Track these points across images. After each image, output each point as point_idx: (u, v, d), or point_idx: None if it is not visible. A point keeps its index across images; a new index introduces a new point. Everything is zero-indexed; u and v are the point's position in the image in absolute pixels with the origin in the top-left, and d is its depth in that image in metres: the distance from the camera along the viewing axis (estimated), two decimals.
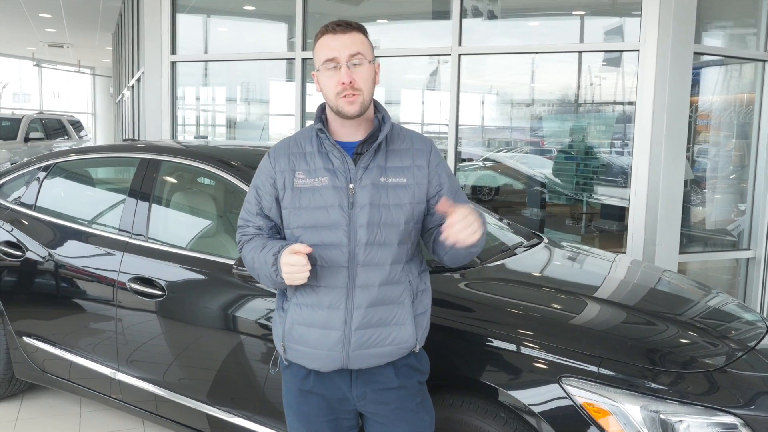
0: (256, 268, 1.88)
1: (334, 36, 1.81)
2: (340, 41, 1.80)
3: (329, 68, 1.80)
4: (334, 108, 1.83)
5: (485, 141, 6.16)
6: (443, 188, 1.93)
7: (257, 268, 1.87)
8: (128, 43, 10.49)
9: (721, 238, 5.29)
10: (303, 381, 1.92)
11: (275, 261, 1.78)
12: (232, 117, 7.13)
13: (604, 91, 5.36)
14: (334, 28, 1.82)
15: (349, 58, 1.79)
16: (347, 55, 1.79)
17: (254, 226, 1.94)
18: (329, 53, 1.80)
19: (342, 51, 1.79)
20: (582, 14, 5.26)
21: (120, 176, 4.01)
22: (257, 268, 1.87)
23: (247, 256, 1.92)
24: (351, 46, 1.80)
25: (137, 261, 2.97)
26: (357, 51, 1.80)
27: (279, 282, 1.81)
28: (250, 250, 1.91)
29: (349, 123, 1.86)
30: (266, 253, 1.82)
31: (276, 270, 1.78)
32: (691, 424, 1.94)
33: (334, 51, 1.80)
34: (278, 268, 1.78)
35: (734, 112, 5.11)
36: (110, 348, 3.07)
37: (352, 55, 1.79)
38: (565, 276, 3.01)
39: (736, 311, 2.74)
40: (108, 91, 23.33)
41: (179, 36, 6.16)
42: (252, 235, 1.94)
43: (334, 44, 1.80)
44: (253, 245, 1.91)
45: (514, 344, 2.16)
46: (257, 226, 1.94)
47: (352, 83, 1.78)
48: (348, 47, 1.80)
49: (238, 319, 2.64)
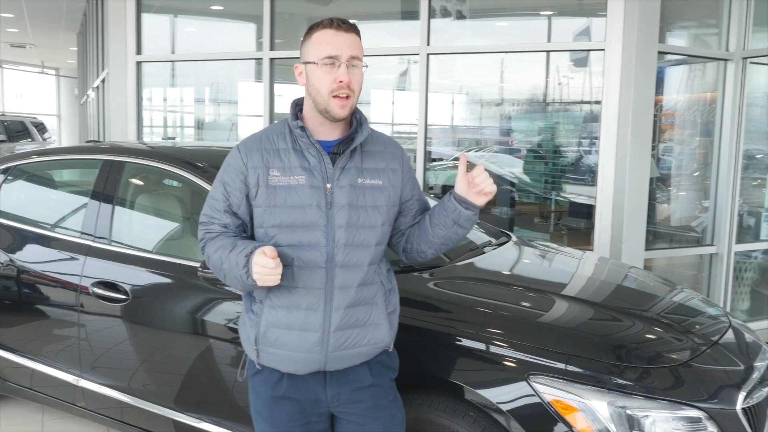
0: (224, 269, 1.81)
1: (338, 33, 1.79)
2: (344, 40, 1.79)
3: (328, 64, 1.77)
4: (322, 106, 1.80)
5: (455, 141, 6.17)
6: (414, 193, 1.99)
7: (225, 269, 1.81)
8: (93, 44, 10.31)
9: (686, 235, 5.37)
10: (275, 386, 1.89)
11: (247, 262, 1.73)
12: (200, 118, 7.04)
13: (571, 90, 5.42)
14: (340, 24, 1.80)
15: (349, 58, 1.78)
16: (348, 55, 1.78)
17: (220, 224, 1.88)
18: (332, 50, 1.77)
19: (344, 50, 1.78)
20: (550, 14, 5.30)
21: (82, 179, 3.94)
22: (225, 269, 1.81)
23: (213, 256, 1.85)
24: (353, 47, 1.79)
25: (100, 265, 2.90)
26: (356, 53, 1.80)
27: (249, 284, 1.75)
28: (216, 249, 1.84)
29: (329, 123, 1.84)
30: (237, 254, 1.76)
31: (248, 272, 1.73)
32: (656, 418, 1.96)
33: (337, 48, 1.78)
34: (249, 270, 1.72)
35: (698, 111, 5.20)
36: (73, 354, 3.00)
37: (352, 57, 1.79)
38: (533, 274, 3.02)
39: (700, 306, 2.78)
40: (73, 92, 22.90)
41: (145, 36, 6.07)
42: (217, 233, 1.87)
43: (337, 41, 1.78)
44: (219, 244, 1.84)
45: (483, 343, 2.16)
46: (223, 224, 1.88)
47: (349, 83, 1.77)
48: (350, 48, 1.79)
49: (205, 322, 2.60)
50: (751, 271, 5.44)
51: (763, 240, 5.37)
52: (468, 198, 1.87)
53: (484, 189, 1.85)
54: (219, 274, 1.85)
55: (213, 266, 1.87)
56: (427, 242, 1.98)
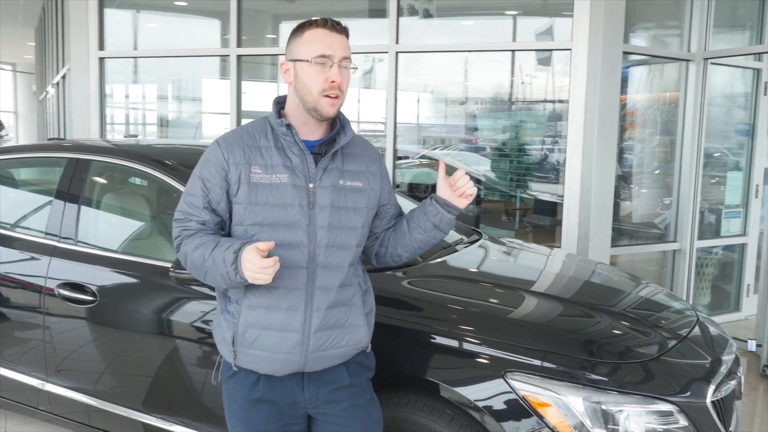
0: (206, 267, 1.76)
1: (331, 33, 1.79)
2: (337, 40, 1.80)
3: (320, 63, 1.77)
4: (311, 104, 1.79)
5: (421, 139, 6.19)
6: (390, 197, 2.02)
7: (208, 267, 1.75)
8: (52, 39, 10.06)
9: (648, 231, 5.48)
10: (252, 389, 1.86)
11: (236, 259, 1.68)
12: (164, 115, 6.93)
13: (536, 89, 5.47)
14: (334, 25, 1.80)
15: (341, 59, 1.79)
16: (341, 55, 1.79)
17: (198, 221, 1.83)
18: (325, 49, 1.78)
19: (337, 50, 1.79)
20: (516, 14, 5.35)
21: (44, 177, 3.84)
22: (208, 267, 1.75)
23: (193, 254, 1.79)
24: (345, 48, 1.81)
25: (66, 266, 2.83)
26: (348, 55, 1.82)
27: (237, 281, 1.71)
28: (195, 247, 1.78)
29: (313, 122, 1.83)
30: (223, 251, 1.71)
31: (236, 269, 1.69)
32: (630, 413, 1.99)
33: (330, 48, 1.78)
34: (239, 267, 1.68)
35: (657, 110, 5.31)
36: (38, 358, 2.92)
37: (344, 57, 1.80)
38: (505, 271, 3.05)
39: (667, 301, 2.83)
40: (31, 88, 22.32)
41: (107, 31, 5.94)
42: (195, 230, 1.83)
43: (331, 41, 1.79)
44: (198, 242, 1.78)
45: (459, 341, 2.17)
46: (201, 221, 1.83)
47: (339, 84, 1.78)
48: (343, 48, 1.80)
49: (175, 323, 2.56)
50: (712, 267, 5.58)
51: (723, 236, 5.51)
52: (451, 201, 1.93)
53: (465, 191, 1.92)
54: (198, 272, 1.81)
55: (191, 264, 1.81)
56: (404, 246, 2.01)
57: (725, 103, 5.70)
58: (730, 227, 5.52)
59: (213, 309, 2.45)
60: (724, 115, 5.69)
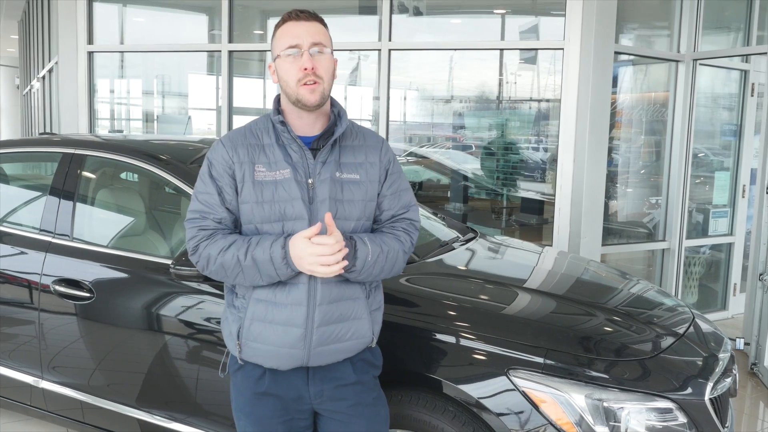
0: (243, 266, 1.74)
1: (297, 23, 1.79)
2: (304, 28, 1.78)
3: (291, 54, 1.77)
4: (293, 97, 1.79)
5: (407, 137, 6.19)
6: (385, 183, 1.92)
7: (245, 266, 1.74)
8: (38, 32, 9.93)
9: (636, 230, 5.54)
10: (257, 382, 1.87)
11: (285, 254, 1.71)
12: (152, 110, 6.87)
13: (526, 88, 5.50)
14: (298, 15, 1.80)
15: (311, 45, 1.78)
16: (310, 42, 1.77)
17: (215, 218, 1.81)
18: (292, 39, 1.77)
19: (305, 38, 1.77)
20: (508, 12, 5.37)
21: (35, 172, 3.80)
22: (245, 266, 1.74)
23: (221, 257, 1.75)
24: (314, 34, 1.79)
25: (62, 262, 2.81)
26: (319, 40, 1.79)
27: (288, 274, 1.74)
28: (222, 249, 1.76)
29: (306, 115, 1.82)
30: (268, 248, 1.72)
31: (287, 262, 1.71)
32: (631, 410, 2.02)
33: (297, 38, 1.77)
34: (289, 261, 1.71)
35: (643, 110, 5.36)
36: (33, 355, 2.89)
37: (314, 43, 1.78)
38: (503, 269, 3.06)
39: (662, 298, 2.87)
40: (13, 82, 22.01)
41: (96, 26, 5.88)
42: (212, 229, 1.81)
43: (297, 31, 1.78)
44: (223, 243, 1.76)
45: (461, 338, 2.18)
46: (218, 219, 1.82)
47: (314, 69, 1.76)
48: (311, 35, 1.78)
49: (173, 320, 2.54)
50: (699, 266, 5.65)
51: (711, 236, 5.58)
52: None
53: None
54: (228, 274, 1.78)
55: (218, 267, 1.78)
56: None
57: (713, 104, 5.76)
58: (718, 227, 5.59)
59: (208, 304, 2.45)
60: (712, 115, 5.75)
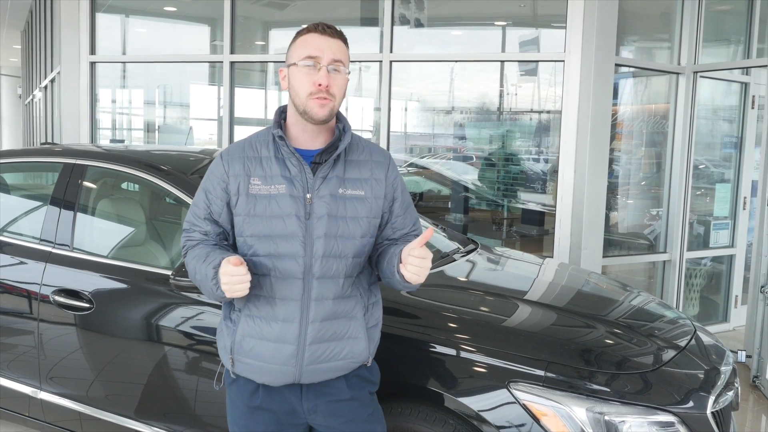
0: (197, 279, 1.80)
1: (322, 36, 1.78)
2: (327, 43, 1.77)
3: (308, 65, 1.76)
4: (301, 108, 1.78)
5: (408, 147, 6.20)
6: (395, 203, 1.91)
7: (198, 280, 1.79)
8: (40, 42, 9.97)
9: (637, 242, 5.53)
10: (251, 396, 1.86)
11: (215, 275, 1.69)
12: (154, 121, 6.88)
13: (527, 99, 5.51)
14: (324, 29, 1.79)
15: (331, 62, 1.76)
16: (330, 58, 1.76)
17: (200, 231, 1.85)
18: (313, 51, 1.76)
19: (326, 53, 1.76)
20: (509, 24, 5.39)
21: (35, 182, 3.80)
22: (198, 280, 1.79)
23: (190, 265, 1.83)
24: (336, 52, 1.77)
25: (61, 272, 2.80)
26: (339, 58, 1.78)
27: (219, 296, 1.72)
28: (192, 258, 1.82)
29: (310, 129, 1.81)
30: (207, 265, 1.73)
31: (216, 284, 1.70)
32: (632, 423, 2.00)
33: (318, 50, 1.76)
34: (218, 282, 1.69)
35: (644, 122, 5.36)
36: (31, 365, 2.88)
37: (334, 60, 1.77)
38: (504, 281, 3.05)
39: (663, 311, 2.85)
40: (16, 91, 22.08)
41: (98, 36, 5.91)
42: (197, 240, 1.85)
43: (320, 44, 1.77)
44: (195, 253, 1.81)
45: (461, 351, 2.17)
46: (204, 232, 1.85)
47: (328, 87, 1.75)
48: (333, 51, 1.77)
49: (173, 331, 2.53)
50: (700, 278, 5.64)
51: (712, 248, 5.57)
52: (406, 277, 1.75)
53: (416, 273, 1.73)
54: (196, 283, 1.83)
55: (191, 276, 1.85)
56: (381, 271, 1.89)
57: (713, 116, 5.77)
58: (719, 239, 5.58)
59: (208, 316, 2.44)
60: (713, 127, 5.76)
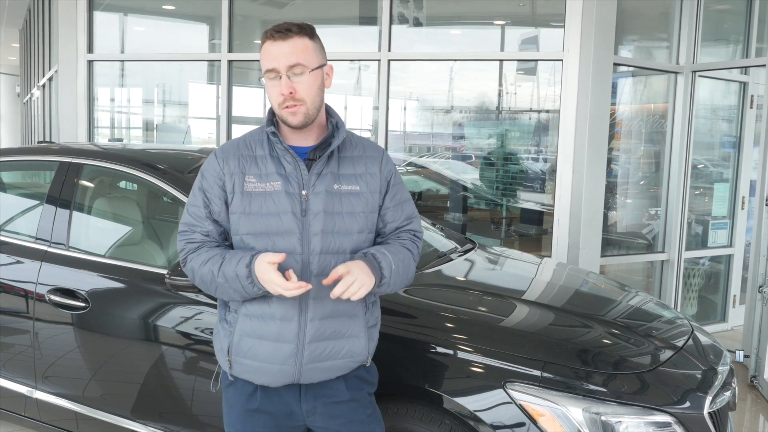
0: (217, 282, 1.75)
1: (274, 43, 1.73)
2: (280, 50, 1.72)
3: (271, 78, 1.73)
4: (278, 116, 1.78)
5: (407, 147, 6.19)
6: (387, 195, 1.89)
7: (219, 283, 1.74)
8: (38, 40, 9.95)
9: (635, 242, 5.52)
10: (249, 399, 1.84)
11: (249, 273, 1.68)
12: (151, 119, 6.87)
13: (525, 99, 5.50)
14: (273, 34, 1.73)
15: (287, 68, 1.71)
16: (286, 65, 1.71)
17: (202, 232, 1.82)
18: (270, 62, 1.72)
19: (281, 60, 1.71)
20: (508, 24, 5.38)
21: (32, 180, 3.78)
22: (219, 283, 1.74)
23: (201, 270, 1.77)
24: (290, 56, 1.72)
25: (57, 271, 2.79)
26: (296, 61, 1.72)
27: (255, 293, 1.71)
28: (202, 263, 1.77)
29: (298, 130, 1.80)
30: (234, 266, 1.70)
31: (252, 282, 1.68)
32: (629, 424, 1.99)
33: (274, 60, 1.72)
34: (254, 280, 1.67)
35: (642, 121, 5.35)
36: (27, 365, 2.87)
37: (290, 66, 1.72)
38: (500, 281, 3.04)
39: (661, 311, 2.84)
40: (14, 90, 22.05)
41: (96, 34, 5.89)
42: (199, 242, 1.82)
43: (274, 52, 1.72)
44: (205, 257, 1.77)
45: (458, 351, 2.16)
46: (205, 232, 1.82)
47: (292, 94, 1.72)
48: (287, 57, 1.71)
49: (169, 330, 2.52)
50: (699, 278, 5.63)
51: (710, 247, 5.56)
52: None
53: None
54: (208, 287, 1.80)
55: (200, 280, 1.80)
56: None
57: (712, 116, 5.76)
58: (717, 238, 5.58)
59: (205, 315, 2.43)
60: (711, 127, 5.75)
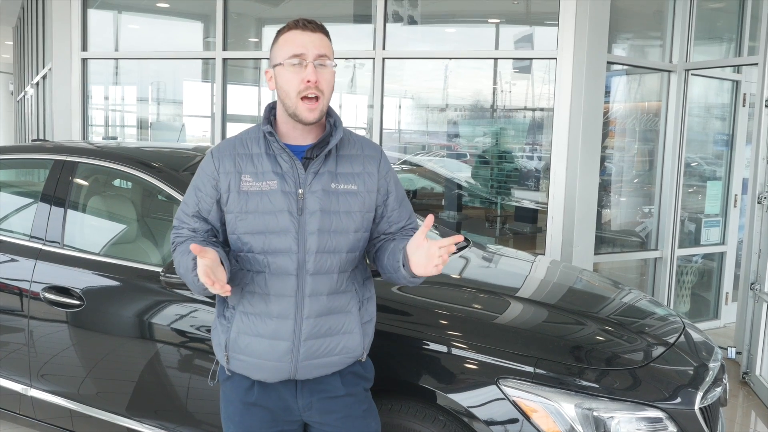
0: (181, 274, 1.79)
1: (304, 32, 1.75)
2: (310, 39, 1.75)
3: (294, 64, 1.73)
4: (291, 109, 1.76)
5: (402, 145, 6.20)
6: (390, 196, 1.90)
7: (182, 274, 1.78)
8: (32, 38, 9.92)
9: (628, 239, 5.55)
10: (246, 393, 1.86)
11: (195, 266, 1.67)
12: (146, 117, 6.86)
13: (520, 97, 5.51)
14: (305, 24, 1.76)
15: (316, 57, 1.74)
16: (315, 53, 1.74)
17: (189, 228, 1.84)
18: (297, 48, 1.73)
19: (311, 48, 1.74)
20: (502, 22, 5.40)
21: (26, 179, 3.78)
22: (182, 274, 1.78)
23: (176, 260, 1.82)
24: (320, 46, 1.75)
25: (52, 269, 2.79)
26: (324, 52, 1.75)
27: (202, 288, 1.69)
28: (179, 254, 1.81)
29: (301, 127, 1.80)
30: (188, 257, 1.72)
31: (196, 275, 1.67)
32: (621, 419, 2.01)
33: (302, 47, 1.73)
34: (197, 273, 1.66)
35: (636, 119, 5.38)
36: (22, 363, 2.87)
37: (319, 55, 1.74)
38: (495, 278, 3.06)
39: (653, 308, 2.87)
40: (7, 88, 21.96)
41: (90, 32, 5.89)
42: (185, 237, 1.83)
43: (303, 40, 1.74)
44: (182, 248, 1.80)
45: (452, 348, 2.17)
46: (192, 229, 1.84)
47: (317, 83, 1.73)
48: (317, 46, 1.74)
49: (163, 328, 2.53)
50: (691, 275, 5.66)
51: (703, 245, 5.59)
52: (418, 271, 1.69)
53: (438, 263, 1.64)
54: (184, 280, 1.82)
55: (177, 272, 1.84)
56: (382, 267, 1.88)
57: (705, 114, 5.79)
58: (710, 236, 5.61)
59: (200, 313, 2.44)
60: (704, 125, 5.78)
